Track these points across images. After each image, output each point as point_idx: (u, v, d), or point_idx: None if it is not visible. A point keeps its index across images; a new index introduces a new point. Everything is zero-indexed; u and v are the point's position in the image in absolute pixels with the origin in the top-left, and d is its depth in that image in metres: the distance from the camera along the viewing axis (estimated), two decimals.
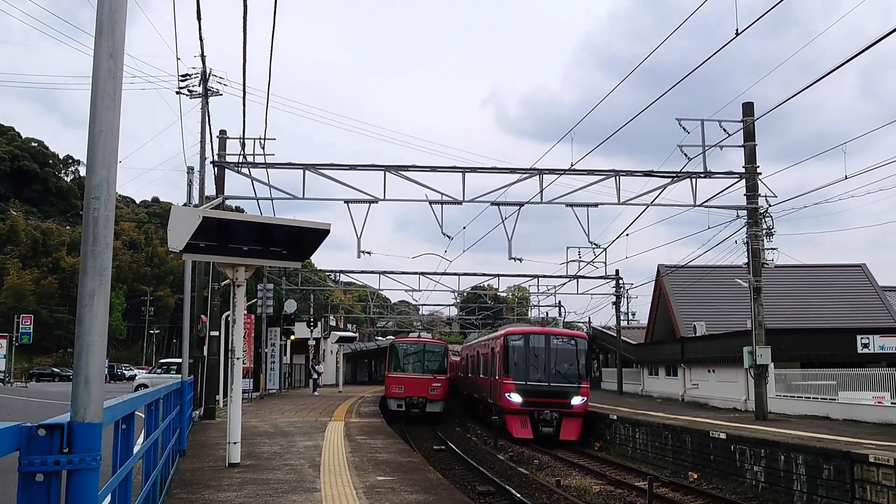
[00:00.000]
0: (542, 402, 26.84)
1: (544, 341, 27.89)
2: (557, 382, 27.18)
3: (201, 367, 24.91)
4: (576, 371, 27.69)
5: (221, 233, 12.31)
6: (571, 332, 31.80)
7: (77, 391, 3.58)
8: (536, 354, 27.70)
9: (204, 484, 10.91)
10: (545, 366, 27.48)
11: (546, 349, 27.70)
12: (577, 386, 27.28)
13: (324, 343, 55.34)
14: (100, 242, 3.60)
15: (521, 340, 28.07)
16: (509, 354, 27.90)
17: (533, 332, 29.08)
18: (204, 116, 25.37)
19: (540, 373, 27.46)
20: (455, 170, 24.19)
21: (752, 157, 22.97)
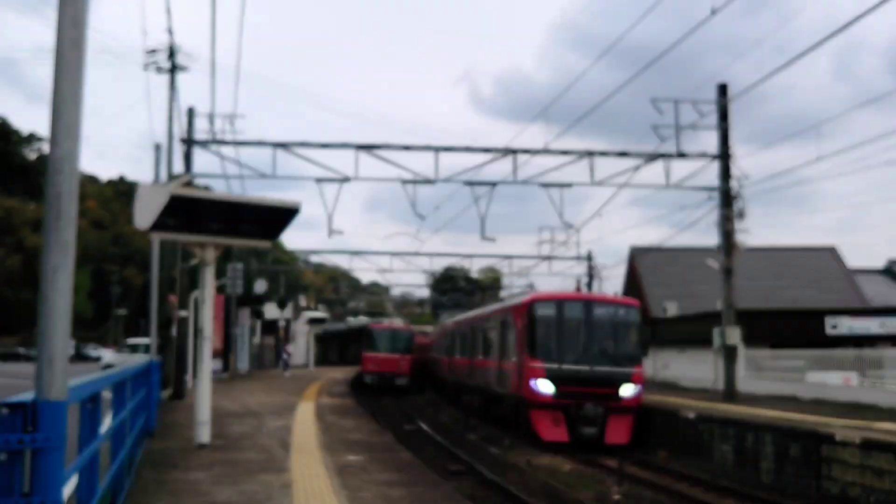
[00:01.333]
0: (583, 392, 20.16)
1: (584, 311, 21.29)
2: (603, 366, 20.60)
3: (170, 347, 24.66)
4: (627, 350, 21.29)
5: (189, 211, 12.12)
6: (621, 298, 24.01)
7: (41, 369, 3.48)
8: (574, 328, 21.18)
9: (173, 464, 10.80)
10: (586, 344, 20.95)
11: (587, 321, 21.12)
12: (628, 371, 20.68)
13: (294, 324, 55.15)
14: (63, 218, 3.48)
15: (553, 309, 21.27)
16: (536, 329, 21.08)
17: (569, 297, 22.92)
18: (171, 93, 24.97)
19: (579, 353, 20.86)
20: (428, 149, 24.05)
21: (726, 139, 23.08)
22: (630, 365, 20.84)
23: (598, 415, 20.02)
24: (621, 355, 21.03)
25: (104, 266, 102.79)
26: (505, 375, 23.28)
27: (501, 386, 23.66)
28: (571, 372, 20.43)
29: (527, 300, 22.29)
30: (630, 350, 21.29)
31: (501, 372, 23.79)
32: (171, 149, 24.73)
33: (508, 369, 22.75)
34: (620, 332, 21.50)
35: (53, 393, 3.51)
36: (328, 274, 75.58)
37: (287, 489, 9.08)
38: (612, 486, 14.38)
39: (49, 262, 3.46)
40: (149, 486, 9.18)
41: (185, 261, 24.31)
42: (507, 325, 23.63)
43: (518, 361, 21.57)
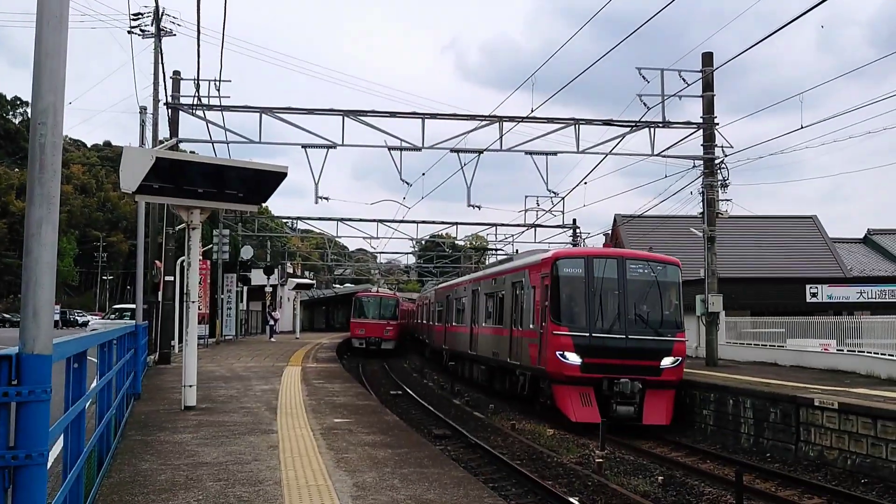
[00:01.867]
0: (617, 364, 17.59)
1: (618, 269, 18.44)
2: (641, 334, 18.00)
3: (156, 312, 24.67)
4: (668, 316, 18.58)
5: (175, 174, 12.10)
6: (659, 255, 20.09)
7: (25, 322, 3.49)
8: (606, 290, 18.36)
9: (159, 426, 10.87)
10: (621, 308, 18.20)
11: (621, 282, 18.35)
12: (669, 339, 18.14)
13: (281, 290, 55.12)
14: (47, 170, 3.49)
15: (581, 268, 18.37)
16: (561, 291, 18.34)
17: (600, 254, 19.91)
18: (157, 57, 24.76)
19: (612, 319, 18.11)
20: (415, 116, 23.95)
21: (710, 108, 23.11)
22: (671, 333, 18.23)
23: (636, 391, 17.33)
24: (661, 322, 18.33)
25: (90, 232, 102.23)
26: (520, 346, 20.38)
27: (515, 357, 20.82)
28: (604, 342, 17.67)
29: (549, 257, 19.06)
30: (671, 316, 18.53)
31: (515, 342, 20.92)
32: (156, 113, 24.56)
33: (525, 339, 19.95)
34: (660, 295, 18.59)
35: (38, 346, 3.53)
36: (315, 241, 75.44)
37: (273, 450, 9.17)
38: (594, 450, 14.57)
39: (33, 214, 3.46)
40: (135, 447, 9.26)
41: (171, 225, 24.23)
42: (522, 288, 20.82)
43: (539, 330, 18.71)
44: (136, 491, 7.08)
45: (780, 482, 12.72)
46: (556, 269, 18.50)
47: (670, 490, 11.67)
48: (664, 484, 12.00)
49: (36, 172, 3.48)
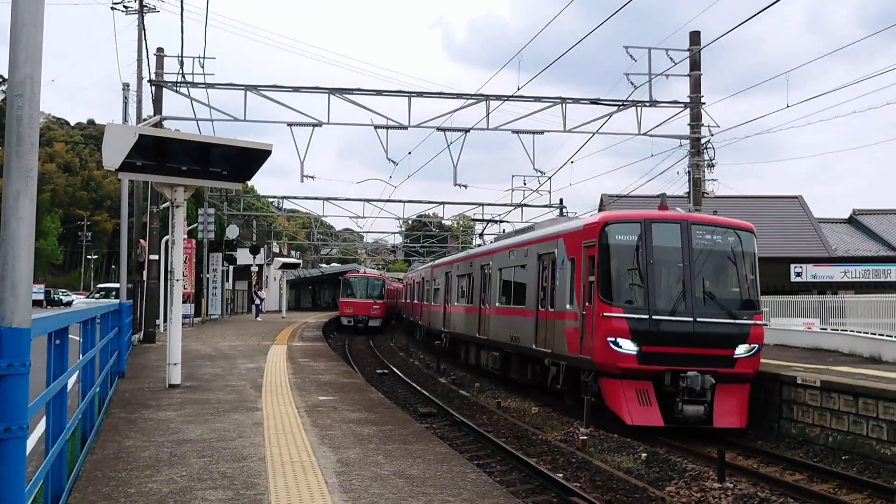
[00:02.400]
0: (683, 354, 14.37)
1: (683, 236, 15.01)
2: (711, 316, 14.71)
3: (141, 291, 24.57)
4: (743, 294, 15.48)
5: (159, 151, 12.02)
6: (729, 220, 16.27)
7: (4, 295, 3.47)
8: (669, 262, 15.16)
9: (144, 404, 10.86)
10: (686, 284, 14.81)
11: (686, 251, 14.94)
12: (745, 322, 14.89)
13: (267, 269, 55.01)
14: (24, 142, 3.45)
15: (637, 234, 14.94)
16: (612, 263, 15.02)
17: (660, 217, 15.59)
18: (140, 33, 24.48)
19: (677, 298, 14.83)
20: (401, 94, 23.87)
21: (697, 87, 23.10)
22: (747, 315, 14.99)
23: (707, 387, 14.08)
24: (736, 301, 15.30)
25: (74, 211, 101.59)
26: (551, 330, 17.12)
27: (544, 344, 17.56)
28: (667, 326, 14.46)
29: (595, 222, 15.61)
30: (747, 293, 15.42)
31: (544, 325, 17.64)
32: (140, 90, 24.32)
33: (558, 322, 16.69)
34: (733, 267, 15.60)
35: (16, 320, 3.51)
36: (301, 220, 75.25)
37: (258, 427, 9.18)
38: (578, 427, 14.66)
39: (10, 187, 3.43)
40: (119, 425, 9.24)
41: (155, 204, 24.09)
42: (554, 261, 17.41)
43: (580, 311, 15.51)
44: (120, 467, 7.08)
45: (762, 459, 12.86)
46: (605, 235, 15.03)
47: (653, 467, 11.77)
48: (647, 461, 12.10)
49: (13, 145, 3.44)
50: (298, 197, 46.44)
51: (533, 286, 18.86)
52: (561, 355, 16.70)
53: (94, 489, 6.34)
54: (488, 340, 22.72)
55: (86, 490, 6.31)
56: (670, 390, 14.30)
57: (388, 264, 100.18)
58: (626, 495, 9.99)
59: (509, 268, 21.42)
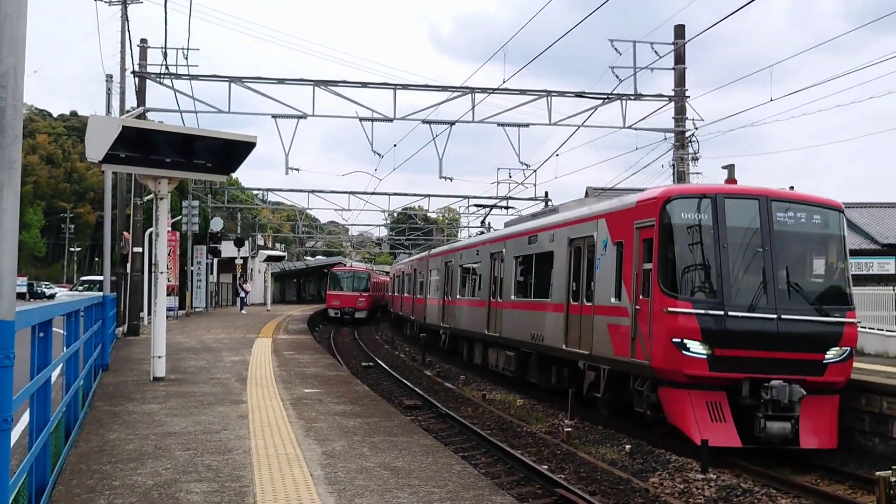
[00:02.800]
0: (765, 358, 11.94)
1: (761, 215, 12.53)
2: (797, 312, 12.27)
3: (124, 283, 24.45)
4: (834, 286, 12.99)
5: (142, 143, 11.98)
6: (815, 196, 13.55)
7: None
8: (746, 246, 12.48)
9: (128, 397, 10.83)
10: (767, 274, 12.36)
11: (766, 234, 12.51)
12: (837, 320, 12.43)
13: (251, 262, 54.85)
14: (8, 134, 3.43)
15: (708, 212, 12.45)
16: (678, 246, 12.52)
17: (733, 192, 12.93)
18: (124, 24, 24.32)
19: (755, 290, 12.27)
20: (386, 86, 23.83)
21: (682, 80, 23.17)
22: (839, 312, 12.47)
23: (795, 399, 11.56)
24: (826, 294, 12.77)
25: (57, 203, 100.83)
26: (587, 328, 14.52)
27: (577, 344, 14.99)
28: (745, 324, 11.93)
29: (653, 197, 12.84)
30: (838, 285, 12.91)
31: (578, 322, 15.08)
32: (123, 82, 24.20)
33: (598, 319, 14.11)
34: (823, 254, 13.18)
35: (0, 312, 3.50)
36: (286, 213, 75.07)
37: (243, 419, 9.18)
38: (563, 419, 14.73)
39: None
40: (103, 418, 9.22)
41: (139, 196, 23.97)
42: (592, 246, 14.76)
43: (632, 306, 12.92)
44: (105, 460, 7.06)
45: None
46: (667, 214, 12.42)
47: (637, 458, 11.84)
48: (631, 452, 12.17)
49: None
50: (283, 189, 46.46)
51: (562, 276, 16.21)
52: (602, 358, 13.94)
53: (78, 482, 6.33)
54: (500, 338, 20.16)
55: (70, 483, 6.30)
56: (748, 403, 11.76)
57: (373, 257, 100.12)
58: (610, 486, 10.06)
59: (529, 255, 18.74)
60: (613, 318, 13.68)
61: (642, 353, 12.56)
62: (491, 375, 21.38)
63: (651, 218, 12.69)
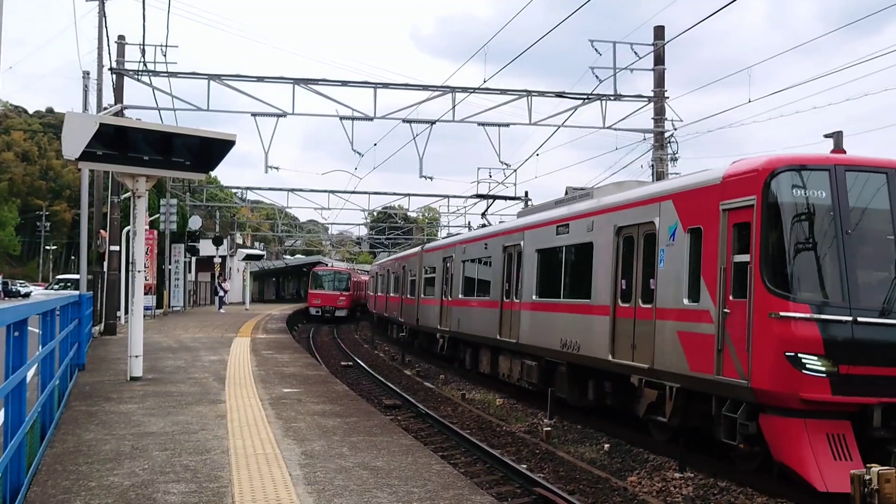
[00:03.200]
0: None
1: (891, 192, 10.01)
2: None
3: (101, 282, 24.24)
4: None
5: (120, 141, 11.88)
6: None
7: None
8: (873, 232, 10.02)
9: (104, 396, 10.73)
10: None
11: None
12: None
13: (230, 261, 54.57)
14: None
15: (826, 189, 9.89)
16: (788, 231, 9.85)
17: (854, 163, 10.17)
18: (101, 20, 24.09)
19: (887, 289, 9.68)
20: (367, 85, 23.76)
21: (661, 81, 23.28)
22: None
23: None
24: None
25: (32, 201, 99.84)
26: (654, 337, 11.76)
27: (638, 356, 12.16)
28: (881, 333, 9.48)
29: (753, 169, 10.22)
30: None
31: (638, 329, 12.36)
32: (100, 79, 24.00)
33: (672, 325, 11.40)
34: None
35: None
36: (265, 212, 74.72)
37: (221, 419, 9.13)
38: (542, 419, 14.75)
39: None
40: (79, 418, 9.13)
41: (116, 194, 23.76)
42: (652, 235, 12.22)
43: (717, 309, 10.38)
44: (81, 461, 7.00)
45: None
46: (773, 190, 9.83)
47: (616, 457, 11.89)
48: (610, 451, 12.22)
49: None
50: (262, 188, 46.28)
51: (606, 272, 13.46)
52: (669, 373, 11.33)
53: (53, 483, 6.26)
54: (516, 345, 17.40)
55: (45, 484, 6.23)
56: (881, 435, 9.36)
57: (353, 256, 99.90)
58: (589, 485, 10.10)
59: (556, 248, 15.99)
60: (687, 323, 11.06)
61: (734, 370, 9.90)
62: (499, 385, 19.17)
63: (748, 197, 10.02)
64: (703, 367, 10.52)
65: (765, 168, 9.95)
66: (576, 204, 15.88)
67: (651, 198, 12.54)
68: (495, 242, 19.72)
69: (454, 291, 23.12)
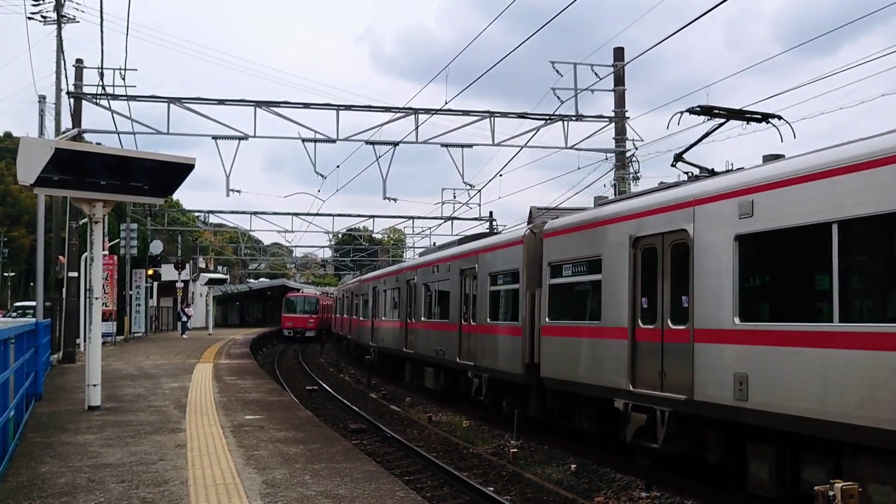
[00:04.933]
0: None
1: None
2: None
3: (59, 309, 23.79)
4: None
5: (76, 166, 11.70)
6: None
7: None
8: None
9: (61, 427, 10.48)
10: None
11: None
12: None
13: (193, 285, 53.93)
14: None
15: None
16: None
17: None
18: (59, 44, 23.81)
19: None
20: (329, 107, 23.69)
21: (621, 102, 23.52)
22: None
23: None
24: None
25: None
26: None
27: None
28: None
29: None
30: None
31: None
32: (58, 102, 23.65)
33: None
34: None
35: None
36: (228, 235, 74.10)
37: (181, 449, 8.94)
38: (509, 440, 14.69)
39: None
40: (34, 450, 8.89)
41: (74, 219, 23.39)
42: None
43: None
44: (34, 495, 6.80)
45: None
46: None
47: (583, 478, 11.84)
48: (577, 472, 12.17)
49: None
50: (225, 211, 45.92)
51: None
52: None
53: None
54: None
55: None
56: None
57: (318, 278, 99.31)
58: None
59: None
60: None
61: None
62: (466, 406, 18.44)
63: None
64: None
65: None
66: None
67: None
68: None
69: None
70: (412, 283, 23.56)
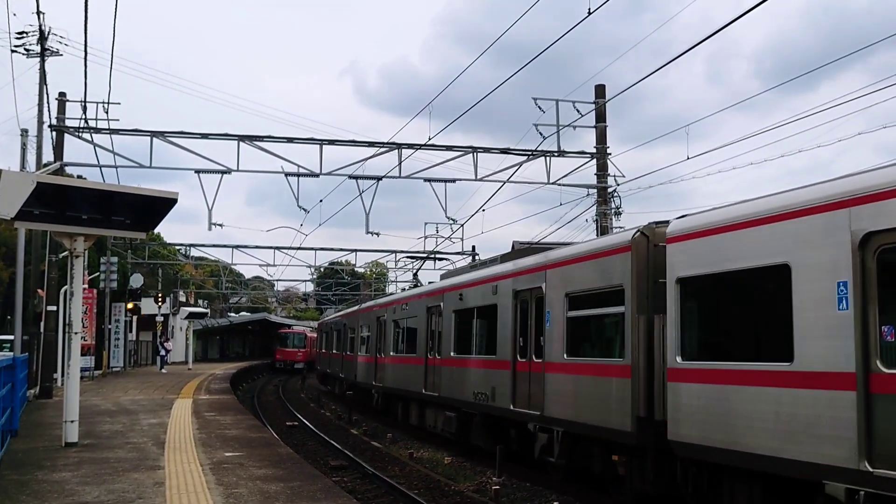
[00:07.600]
0: None
1: None
2: None
3: (37, 343, 23.52)
4: None
5: (58, 199, 11.64)
6: None
7: None
8: None
9: (38, 464, 10.32)
10: None
11: None
12: None
13: (173, 319, 53.53)
14: None
15: None
16: None
17: None
18: (42, 77, 23.81)
19: None
20: (312, 141, 23.72)
21: (603, 138, 23.74)
22: None
23: None
24: None
25: None
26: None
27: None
28: None
29: None
30: None
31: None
32: (40, 135, 23.60)
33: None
34: None
35: None
36: (210, 268, 73.71)
37: (159, 487, 8.82)
38: (491, 477, 14.58)
39: None
40: (9, 487, 8.74)
41: (54, 253, 23.21)
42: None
43: None
44: None
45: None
46: None
47: None
48: None
49: None
50: (206, 245, 45.49)
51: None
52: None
53: None
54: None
55: None
56: None
57: (300, 312, 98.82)
58: None
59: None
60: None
61: None
62: (448, 443, 18.17)
63: None
64: None
65: None
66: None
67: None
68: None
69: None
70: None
